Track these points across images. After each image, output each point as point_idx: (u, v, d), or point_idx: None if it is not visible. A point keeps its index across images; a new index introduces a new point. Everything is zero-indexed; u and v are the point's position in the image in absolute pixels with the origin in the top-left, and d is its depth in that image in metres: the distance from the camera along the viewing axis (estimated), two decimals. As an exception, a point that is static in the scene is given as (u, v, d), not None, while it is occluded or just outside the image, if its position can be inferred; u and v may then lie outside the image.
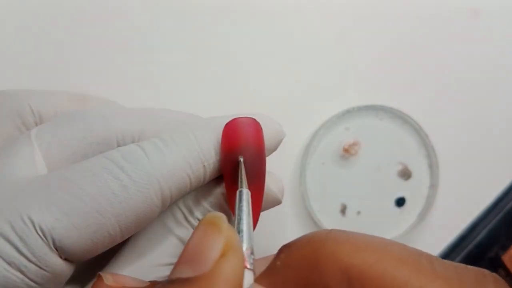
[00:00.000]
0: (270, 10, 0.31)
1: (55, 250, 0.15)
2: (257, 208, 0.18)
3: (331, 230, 0.16)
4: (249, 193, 0.17)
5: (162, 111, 0.20)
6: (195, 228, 0.15)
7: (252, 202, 0.18)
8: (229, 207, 0.19)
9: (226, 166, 0.18)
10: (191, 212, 0.18)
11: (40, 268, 0.15)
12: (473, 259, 0.32)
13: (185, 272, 0.13)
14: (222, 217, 0.15)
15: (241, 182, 0.17)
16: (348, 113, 0.31)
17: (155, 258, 0.18)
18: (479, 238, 0.32)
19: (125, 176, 0.16)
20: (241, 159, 0.18)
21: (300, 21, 0.31)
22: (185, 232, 0.18)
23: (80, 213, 0.15)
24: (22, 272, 0.15)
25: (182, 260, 0.14)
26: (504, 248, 0.32)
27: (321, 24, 0.32)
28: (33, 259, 0.15)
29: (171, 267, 0.18)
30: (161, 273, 0.18)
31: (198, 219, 0.18)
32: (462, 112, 0.32)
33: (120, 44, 0.30)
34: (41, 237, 0.15)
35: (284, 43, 0.31)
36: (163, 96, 0.30)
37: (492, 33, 0.33)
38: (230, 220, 0.19)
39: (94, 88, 0.29)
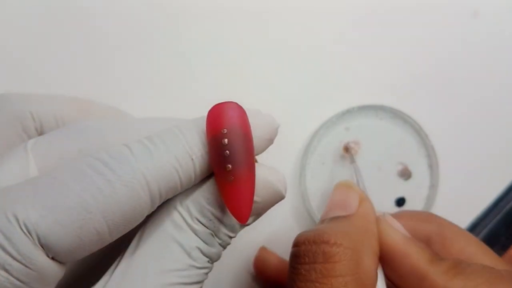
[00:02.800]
0: (270, 10, 0.31)
1: (40, 248, 0.15)
2: (249, 193, 0.18)
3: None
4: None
5: (163, 120, 0.20)
6: (335, 188, 0.23)
7: (242, 187, 0.17)
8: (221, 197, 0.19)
9: (210, 152, 0.18)
10: (189, 212, 0.18)
11: (26, 266, 0.15)
12: (473, 259, 0.32)
13: (339, 213, 0.21)
14: (352, 181, 0.23)
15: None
16: (348, 113, 0.31)
17: (153, 265, 0.17)
18: (479, 238, 0.32)
19: (109, 171, 0.16)
20: (354, 166, 0.25)
21: (300, 21, 0.31)
22: (185, 236, 0.18)
23: (64, 209, 0.15)
24: (6, 270, 0.15)
25: (333, 206, 0.22)
26: (504, 248, 0.32)
27: (321, 24, 0.32)
28: (18, 257, 0.15)
29: (174, 273, 0.17)
30: (164, 280, 0.17)
31: (197, 219, 0.18)
32: (462, 112, 0.32)
33: (120, 47, 0.30)
34: (25, 234, 0.15)
35: (284, 44, 0.31)
36: (162, 97, 0.30)
37: (492, 33, 0.33)
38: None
39: (95, 92, 0.29)
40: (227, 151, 0.17)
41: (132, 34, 0.30)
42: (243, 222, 0.18)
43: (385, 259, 0.21)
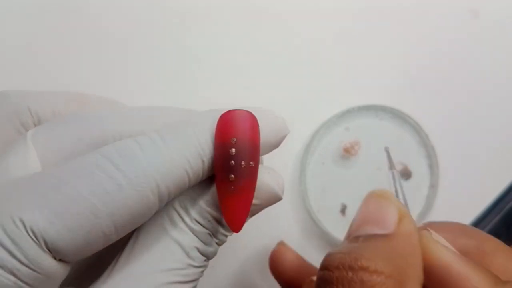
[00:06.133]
0: (270, 10, 0.31)
1: (48, 252, 0.15)
2: (247, 204, 0.18)
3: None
4: (398, 173, 0.22)
5: (162, 109, 0.20)
6: (368, 199, 0.18)
7: (241, 198, 0.17)
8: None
9: (216, 159, 0.17)
10: (187, 213, 0.18)
11: (33, 270, 0.15)
12: (473, 259, 0.32)
13: (375, 230, 0.18)
14: (390, 191, 0.19)
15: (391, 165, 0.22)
16: (348, 113, 0.31)
17: (152, 263, 0.17)
18: (479, 238, 0.32)
19: (120, 174, 0.15)
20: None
21: (300, 21, 0.31)
22: (184, 236, 0.18)
23: (73, 214, 0.15)
24: (14, 275, 0.15)
25: (366, 220, 0.18)
26: (504, 248, 0.32)
27: (321, 24, 0.32)
28: (26, 261, 0.15)
29: (172, 272, 0.17)
30: (162, 279, 0.17)
31: (196, 220, 0.18)
32: (462, 112, 0.32)
33: (122, 46, 0.30)
34: (33, 239, 0.15)
35: (284, 43, 0.31)
36: (163, 96, 0.30)
37: (492, 33, 0.33)
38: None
39: (94, 88, 0.29)
40: (232, 161, 0.17)
41: (134, 33, 0.30)
42: (237, 231, 0.18)
43: (435, 284, 0.18)
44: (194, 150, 0.17)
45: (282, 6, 0.31)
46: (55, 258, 0.15)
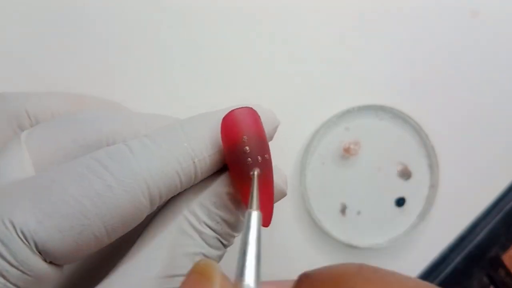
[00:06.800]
0: (270, 10, 0.31)
1: (38, 254, 0.15)
2: (271, 196, 0.18)
3: (361, 267, 0.16)
4: (260, 215, 0.16)
5: (158, 117, 0.20)
6: (187, 276, 0.14)
7: (266, 191, 0.18)
8: (234, 207, 0.18)
9: (230, 160, 0.17)
10: (197, 218, 0.18)
11: (23, 272, 0.15)
12: (473, 259, 0.32)
13: None
14: (213, 265, 0.15)
15: (252, 201, 0.16)
16: (348, 113, 0.31)
17: (159, 270, 0.17)
18: (479, 238, 0.32)
19: (109, 175, 0.15)
20: (255, 173, 0.17)
21: (300, 21, 0.31)
22: (191, 242, 0.18)
23: (63, 215, 0.15)
24: (4, 276, 0.14)
25: None
26: (504, 248, 0.32)
27: (321, 24, 0.32)
28: (15, 263, 0.15)
29: (176, 279, 0.17)
30: (165, 284, 0.17)
31: (206, 223, 0.18)
32: (462, 112, 0.32)
33: (121, 46, 0.30)
34: (22, 240, 0.15)
35: (284, 43, 0.31)
36: (162, 96, 0.30)
37: (492, 33, 0.33)
38: (242, 211, 0.19)
39: (93, 89, 0.29)
40: (249, 158, 0.17)
41: (133, 34, 0.30)
42: (267, 225, 0.18)
43: None
44: (185, 151, 0.17)
45: (282, 6, 0.31)
46: (45, 261, 0.15)
